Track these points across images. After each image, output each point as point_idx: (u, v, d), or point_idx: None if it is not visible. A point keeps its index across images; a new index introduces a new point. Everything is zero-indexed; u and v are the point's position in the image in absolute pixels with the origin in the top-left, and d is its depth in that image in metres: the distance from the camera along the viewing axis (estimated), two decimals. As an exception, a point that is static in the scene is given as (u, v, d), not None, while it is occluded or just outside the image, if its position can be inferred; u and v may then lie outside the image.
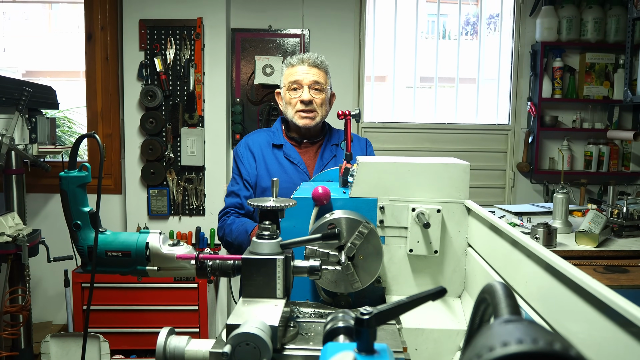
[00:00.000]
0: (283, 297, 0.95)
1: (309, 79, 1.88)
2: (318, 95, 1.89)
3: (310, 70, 1.89)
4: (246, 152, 1.95)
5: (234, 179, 1.97)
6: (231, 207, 1.92)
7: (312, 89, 1.88)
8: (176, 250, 1.07)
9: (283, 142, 1.94)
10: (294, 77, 1.89)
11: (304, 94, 1.87)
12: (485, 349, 0.29)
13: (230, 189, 1.97)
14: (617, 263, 1.89)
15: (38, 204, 3.58)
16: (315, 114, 1.89)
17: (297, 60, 1.91)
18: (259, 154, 1.93)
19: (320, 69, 1.91)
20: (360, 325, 0.59)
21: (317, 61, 1.91)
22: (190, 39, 3.36)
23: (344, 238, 1.16)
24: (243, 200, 1.90)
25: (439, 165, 1.28)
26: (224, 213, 1.93)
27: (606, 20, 3.54)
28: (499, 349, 0.28)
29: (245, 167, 1.93)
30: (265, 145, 1.95)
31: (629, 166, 3.72)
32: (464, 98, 3.85)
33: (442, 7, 3.86)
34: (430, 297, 0.63)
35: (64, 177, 1.09)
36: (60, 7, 9.44)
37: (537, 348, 0.27)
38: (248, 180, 1.92)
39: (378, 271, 1.18)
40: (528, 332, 0.30)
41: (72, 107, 4.81)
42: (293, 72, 1.90)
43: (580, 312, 0.72)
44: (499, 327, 0.32)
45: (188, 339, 0.97)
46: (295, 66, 1.91)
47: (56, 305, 3.63)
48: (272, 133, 1.99)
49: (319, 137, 1.98)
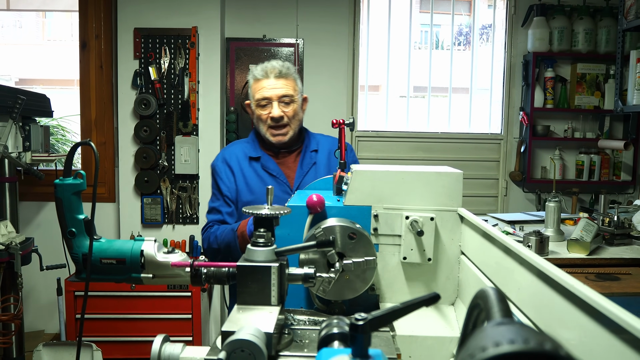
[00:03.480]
0: (278, 304, 0.95)
1: (277, 93, 1.82)
2: (288, 108, 1.83)
3: (276, 84, 1.82)
4: (224, 167, 1.89)
5: (215, 195, 1.91)
6: (213, 222, 1.86)
7: (282, 103, 1.83)
8: (171, 258, 1.08)
9: (260, 154, 1.88)
10: (261, 93, 1.82)
11: (273, 110, 1.81)
12: (477, 349, 0.29)
13: (211, 205, 1.91)
14: (608, 271, 1.91)
15: (31, 212, 3.56)
16: (288, 128, 1.84)
17: (262, 73, 1.84)
18: (237, 167, 1.87)
19: (287, 79, 1.85)
20: (355, 331, 0.60)
21: (283, 71, 1.84)
22: (184, 48, 3.38)
23: (338, 246, 1.17)
24: (225, 217, 1.84)
25: (432, 173, 1.29)
26: (207, 227, 1.86)
27: (597, 31, 3.59)
28: (491, 349, 0.29)
29: (224, 182, 1.87)
30: (243, 157, 1.89)
31: (619, 175, 3.75)
32: (457, 107, 3.88)
33: (435, 18, 3.90)
34: (423, 303, 0.64)
35: (59, 184, 1.10)
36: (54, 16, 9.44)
37: (528, 348, 0.28)
38: (228, 195, 1.86)
39: (372, 279, 1.18)
40: (519, 333, 0.30)
41: (65, 115, 4.81)
42: (260, 86, 1.84)
43: (573, 319, 0.73)
44: (492, 329, 0.33)
45: (183, 346, 0.97)
46: (261, 80, 1.84)
47: (48, 314, 3.60)
48: (249, 145, 1.93)
49: (296, 144, 1.93)
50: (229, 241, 1.70)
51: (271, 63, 1.86)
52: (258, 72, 1.85)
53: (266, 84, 1.82)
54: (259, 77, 1.84)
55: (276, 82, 1.82)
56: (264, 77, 1.83)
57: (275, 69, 1.83)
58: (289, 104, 1.84)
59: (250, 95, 1.89)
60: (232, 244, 1.69)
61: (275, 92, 1.82)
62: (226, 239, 1.72)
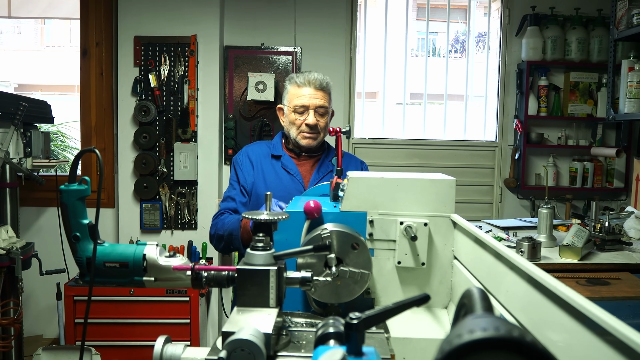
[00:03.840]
0: (276, 306, 0.99)
1: (315, 103, 1.93)
2: (322, 119, 1.95)
3: (316, 94, 1.93)
4: (245, 160, 2.01)
5: (231, 185, 2.02)
6: (226, 210, 1.95)
7: (317, 113, 1.93)
8: (172, 262, 1.11)
9: (282, 154, 2.01)
10: (300, 100, 1.93)
11: (309, 118, 1.92)
12: (454, 336, 0.33)
13: (226, 194, 2.01)
14: (598, 276, 1.95)
15: (31, 217, 3.59)
16: (318, 135, 1.96)
17: (304, 81, 1.94)
18: (258, 163, 1.99)
19: (325, 92, 1.96)
20: (350, 330, 0.64)
21: (323, 84, 1.95)
22: (184, 56, 3.42)
23: (335, 250, 1.21)
24: (238, 205, 1.94)
25: (426, 180, 1.34)
26: (218, 214, 1.95)
27: (589, 40, 3.65)
28: (465, 335, 0.33)
29: (243, 173, 1.99)
30: (264, 155, 2.01)
31: (612, 182, 3.81)
32: (452, 115, 3.93)
33: (431, 25, 3.96)
34: (414, 303, 0.67)
35: (64, 190, 1.13)
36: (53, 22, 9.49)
37: (498, 334, 0.32)
38: (245, 186, 1.97)
39: (367, 283, 1.22)
40: (492, 322, 0.35)
41: (65, 121, 4.85)
42: (299, 93, 1.94)
43: (560, 322, 0.76)
44: (470, 320, 0.37)
45: (184, 347, 1.01)
46: (302, 87, 1.94)
47: (47, 319, 3.62)
48: (272, 145, 2.05)
49: (317, 152, 2.04)
50: (232, 229, 1.79)
51: (312, 74, 1.96)
52: (300, 80, 1.95)
53: (306, 93, 1.93)
54: (300, 84, 1.94)
55: (316, 93, 1.93)
56: (305, 86, 1.94)
57: (317, 80, 1.94)
58: (323, 115, 1.95)
59: (286, 99, 1.99)
60: (234, 232, 1.77)
61: (314, 101, 1.92)
62: (230, 227, 1.80)
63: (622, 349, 0.57)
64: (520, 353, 0.32)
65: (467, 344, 0.32)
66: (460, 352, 0.31)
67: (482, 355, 0.31)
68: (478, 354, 0.31)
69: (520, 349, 0.32)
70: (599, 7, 3.66)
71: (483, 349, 0.31)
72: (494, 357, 0.32)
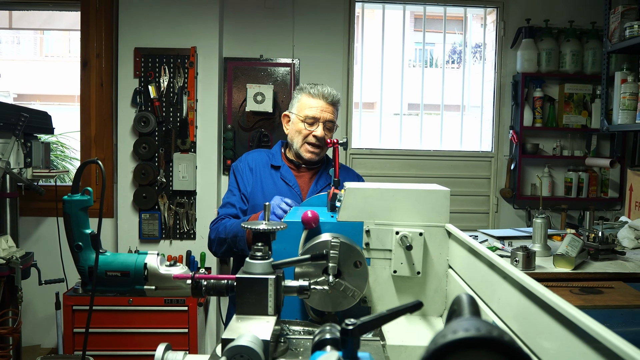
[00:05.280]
0: (274, 314, 1.01)
1: (326, 117, 1.95)
2: (329, 134, 1.97)
3: (327, 108, 1.95)
4: (245, 168, 2.02)
5: (231, 191, 2.02)
6: (226, 215, 1.95)
7: (325, 127, 1.95)
8: (173, 271, 1.14)
9: (281, 164, 2.02)
10: (312, 112, 1.94)
11: (317, 130, 1.94)
12: (439, 336, 0.36)
13: (226, 200, 2.01)
14: (592, 285, 1.98)
15: (30, 227, 3.61)
16: (322, 149, 1.98)
17: (318, 93, 1.95)
18: (257, 171, 2.00)
19: (335, 107, 1.98)
20: (345, 335, 0.66)
21: (335, 99, 1.97)
22: (183, 67, 3.47)
23: (337, 261, 1.23)
24: (238, 212, 1.94)
25: (421, 191, 1.37)
26: (218, 219, 1.95)
27: (583, 52, 3.71)
28: (449, 335, 0.36)
29: (243, 181, 1.99)
30: (264, 164, 2.02)
31: (607, 192, 3.85)
32: (449, 125, 3.98)
33: (429, 36, 4.01)
34: (407, 309, 0.70)
35: (68, 200, 1.16)
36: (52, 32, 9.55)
37: (479, 334, 0.35)
38: (245, 193, 1.98)
39: (363, 291, 1.25)
40: (474, 324, 0.37)
41: (64, 132, 4.88)
42: (311, 104, 1.95)
43: (551, 330, 0.78)
44: (455, 322, 0.40)
45: (184, 354, 1.03)
46: (315, 98, 1.95)
47: (45, 329, 3.63)
48: (271, 155, 2.06)
49: (316, 164, 2.05)
50: (237, 231, 1.79)
51: (326, 87, 1.97)
52: (314, 91, 1.96)
53: (318, 105, 1.94)
54: (313, 95, 1.95)
55: (327, 107, 1.95)
56: (318, 98, 1.95)
57: (330, 94, 1.96)
58: (331, 130, 1.98)
59: (295, 108, 2.00)
60: (239, 233, 1.78)
61: (325, 115, 1.95)
62: (235, 230, 1.81)
63: (610, 356, 0.59)
64: (499, 351, 0.35)
65: (449, 343, 0.35)
66: (443, 351, 0.34)
67: (464, 353, 0.34)
68: (460, 353, 0.34)
69: (499, 348, 0.35)
70: (592, 19, 3.72)
71: (465, 348, 0.34)
72: (475, 355, 0.35)
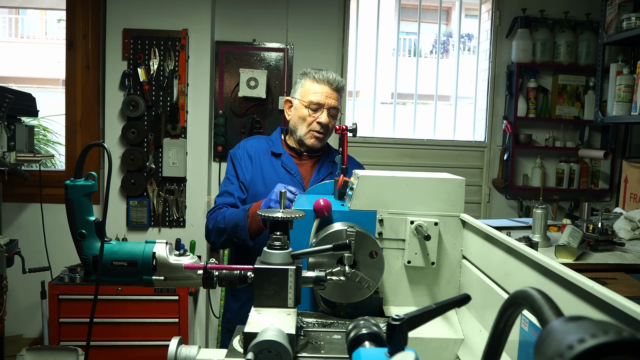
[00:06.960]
0: (294, 306, 0.97)
1: (330, 104, 1.89)
2: (333, 120, 1.92)
3: (332, 94, 1.89)
4: (244, 155, 1.94)
5: (228, 180, 1.94)
6: (224, 205, 1.88)
7: (329, 114, 1.90)
8: (183, 260, 1.08)
9: (282, 152, 1.95)
10: (316, 97, 1.87)
11: (322, 117, 1.88)
12: (564, 348, 0.32)
13: (223, 189, 1.93)
14: (595, 276, 1.97)
15: (12, 213, 3.49)
16: (325, 136, 1.92)
17: (323, 79, 1.89)
18: (257, 159, 1.93)
19: (340, 94, 1.93)
20: (392, 331, 0.62)
21: (340, 85, 1.92)
22: (174, 50, 3.36)
23: (353, 251, 1.18)
24: (237, 201, 1.87)
25: (436, 180, 1.33)
26: (216, 209, 1.88)
27: (577, 44, 3.71)
28: (577, 345, 0.31)
29: (242, 169, 1.92)
30: (264, 152, 1.95)
31: (597, 184, 3.88)
32: (442, 115, 3.95)
33: (413, 26, 3.96)
34: (455, 304, 0.66)
35: (70, 185, 1.09)
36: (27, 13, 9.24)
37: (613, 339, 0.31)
38: (244, 182, 1.90)
39: (379, 282, 1.21)
40: (595, 326, 0.33)
41: (46, 115, 4.72)
42: (315, 90, 1.88)
43: (578, 311, 0.76)
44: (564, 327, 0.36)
45: (198, 349, 0.98)
46: (319, 84, 1.89)
47: (27, 318, 3.52)
48: (271, 141, 1.99)
49: (318, 152, 1.99)
50: (238, 220, 1.73)
51: (331, 73, 1.91)
52: (318, 76, 1.89)
53: (323, 91, 1.88)
54: (318, 80, 1.89)
55: (332, 93, 1.90)
56: (323, 83, 1.89)
57: (335, 80, 1.90)
58: (334, 116, 1.93)
59: (299, 93, 1.93)
60: (240, 223, 1.72)
61: (329, 101, 1.89)
62: (235, 219, 1.75)
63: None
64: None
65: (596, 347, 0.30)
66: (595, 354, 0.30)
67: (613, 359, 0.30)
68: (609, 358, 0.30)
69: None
70: (587, 11, 3.72)
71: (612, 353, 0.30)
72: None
